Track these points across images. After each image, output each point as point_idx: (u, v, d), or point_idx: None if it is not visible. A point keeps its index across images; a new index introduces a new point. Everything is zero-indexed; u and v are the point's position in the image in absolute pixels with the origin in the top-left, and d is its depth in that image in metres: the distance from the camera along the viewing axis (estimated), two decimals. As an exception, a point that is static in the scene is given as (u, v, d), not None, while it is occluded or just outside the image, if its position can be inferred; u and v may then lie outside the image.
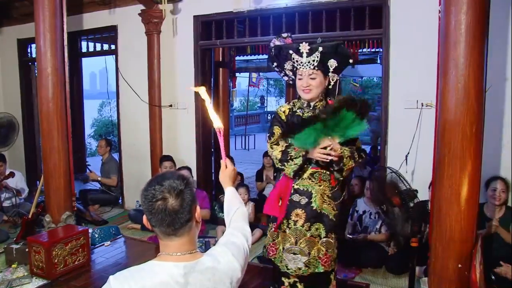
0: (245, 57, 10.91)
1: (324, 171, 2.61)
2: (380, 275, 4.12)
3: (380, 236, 4.35)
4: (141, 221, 5.35)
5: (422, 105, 4.32)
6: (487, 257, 3.49)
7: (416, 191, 3.53)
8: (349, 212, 4.60)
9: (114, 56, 6.39)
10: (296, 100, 2.76)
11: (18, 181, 5.83)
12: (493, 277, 3.46)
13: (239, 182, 5.79)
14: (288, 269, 2.65)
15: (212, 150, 6.18)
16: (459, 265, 2.93)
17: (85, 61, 8.04)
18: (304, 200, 2.63)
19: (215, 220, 5.45)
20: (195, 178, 5.74)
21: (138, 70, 6.00)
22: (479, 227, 3.68)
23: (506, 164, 4.06)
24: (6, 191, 5.65)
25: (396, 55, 4.49)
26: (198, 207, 1.53)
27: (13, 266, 4.01)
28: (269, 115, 21.62)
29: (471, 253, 2.95)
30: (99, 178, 6.38)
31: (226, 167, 2.02)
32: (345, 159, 2.50)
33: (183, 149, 5.93)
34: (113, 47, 6.45)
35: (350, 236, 4.47)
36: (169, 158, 5.61)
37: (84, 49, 7.27)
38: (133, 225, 5.55)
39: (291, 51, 2.62)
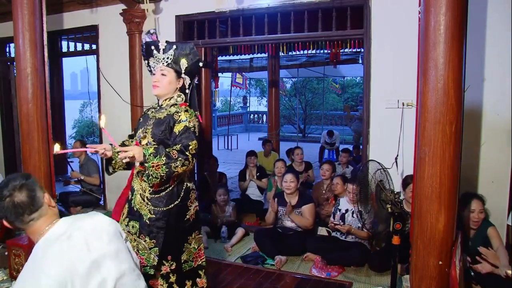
0: (228, 57, 10.91)
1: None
2: (363, 273, 4.16)
3: (363, 232, 4.39)
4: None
5: (403, 105, 4.36)
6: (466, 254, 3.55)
7: (399, 192, 3.57)
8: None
9: (95, 56, 6.32)
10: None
11: (-3, 183, 5.73)
12: (472, 274, 3.52)
13: (219, 183, 5.79)
14: None
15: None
16: (440, 262, 2.97)
17: (66, 61, 7.97)
18: (130, 196, 2.75)
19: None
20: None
21: (119, 70, 5.94)
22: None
23: (484, 163, 4.14)
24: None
25: (377, 55, 4.53)
26: (46, 194, 1.79)
27: (-8, 270, 3.96)
28: (251, 115, 21.67)
29: (451, 250, 3.01)
30: (82, 177, 6.31)
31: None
32: (148, 156, 2.38)
33: (166, 150, 5.89)
34: (94, 47, 6.38)
35: (336, 222, 4.51)
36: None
37: (64, 49, 7.19)
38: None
39: (152, 47, 2.70)
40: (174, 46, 2.66)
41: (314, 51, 10.17)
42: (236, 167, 8.79)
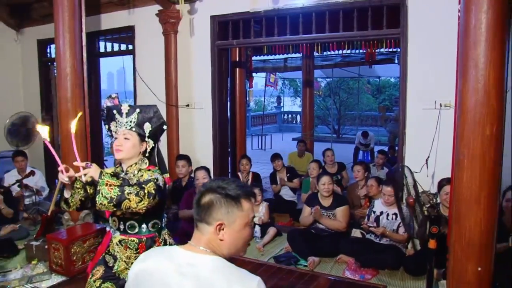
0: (262, 57, 10.91)
1: (132, 239, 2.57)
2: (398, 276, 4.08)
3: (398, 236, 4.31)
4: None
5: (441, 106, 4.26)
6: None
7: (436, 194, 3.48)
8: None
9: (131, 56, 6.45)
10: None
11: (38, 180, 5.94)
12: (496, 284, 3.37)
13: (254, 183, 5.80)
14: None
15: (229, 150, 6.18)
16: (479, 268, 2.89)
17: (103, 61, 8.10)
18: (111, 262, 2.61)
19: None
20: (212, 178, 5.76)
21: (155, 70, 6.03)
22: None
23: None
24: (27, 190, 5.75)
25: (414, 55, 4.44)
26: (229, 230, 1.53)
27: (33, 262, 4.09)
28: (285, 115, 21.62)
29: (492, 256, 2.91)
30: None
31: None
32: (104, 173, 2.38)
33: (200, 149, 5.94)
34: (130, 47, 6.50)
35: (370, 224, 4.45)
36: (183, 157, 5.63)
37: (102, 49, 7.33)
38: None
39: (114, 111, 2.60)
40: (137, 110, 2.58)
41: (349, 51, 10.06)
42: (270, 167, 8.74)
